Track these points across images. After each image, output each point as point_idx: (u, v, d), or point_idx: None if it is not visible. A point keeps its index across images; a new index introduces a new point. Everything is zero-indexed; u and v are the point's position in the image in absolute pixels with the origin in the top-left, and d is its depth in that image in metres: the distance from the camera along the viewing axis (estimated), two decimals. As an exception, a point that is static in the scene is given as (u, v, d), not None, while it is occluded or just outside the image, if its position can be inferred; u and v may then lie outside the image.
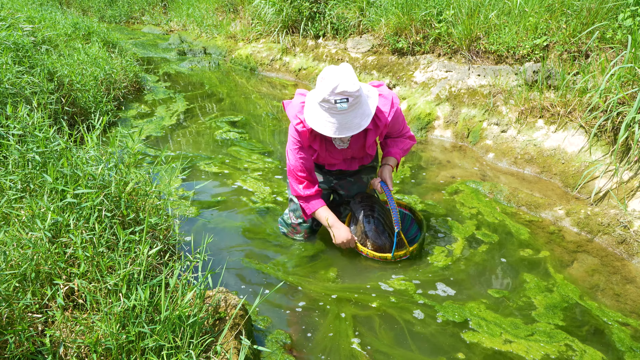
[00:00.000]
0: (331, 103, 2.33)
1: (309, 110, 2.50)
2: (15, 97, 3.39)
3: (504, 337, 2.37)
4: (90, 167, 2.35)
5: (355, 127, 2.44)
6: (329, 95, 2.31)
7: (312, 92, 2.55)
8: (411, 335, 2.38)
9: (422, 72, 5.60)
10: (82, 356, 1.75)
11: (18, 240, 1.96)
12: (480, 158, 4.41)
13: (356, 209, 2.98)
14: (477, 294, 2.69)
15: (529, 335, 2.37)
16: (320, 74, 2.39)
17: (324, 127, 2.43)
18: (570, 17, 4.42)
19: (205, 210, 3.49)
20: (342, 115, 2.38)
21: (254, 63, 8.19)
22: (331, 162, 2.92)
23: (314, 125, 2.46)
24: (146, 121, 5.42)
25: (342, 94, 2.30)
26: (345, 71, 2.35)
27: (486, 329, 2.42)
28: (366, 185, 3.18)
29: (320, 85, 2.37)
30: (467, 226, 3.31)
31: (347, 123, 2.41)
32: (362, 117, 2.45)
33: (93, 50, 6.21)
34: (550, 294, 2.67)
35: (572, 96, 3.98)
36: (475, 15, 5.02)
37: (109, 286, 1.89)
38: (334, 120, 2.40)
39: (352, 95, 2.32)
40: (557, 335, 2.37)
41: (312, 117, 2.47)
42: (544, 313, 2.53)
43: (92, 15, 14.32)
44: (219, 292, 2.16)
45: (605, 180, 3.44)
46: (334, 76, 2.32)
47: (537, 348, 2.29)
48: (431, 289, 2.71)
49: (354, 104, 2.37)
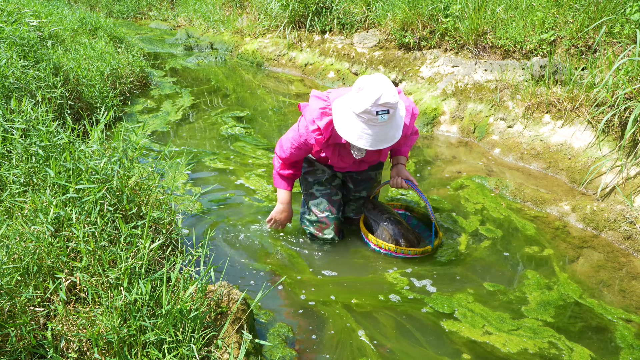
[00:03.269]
0: (372, 114, 2.24)
1: (342, 120, 2.38)
2: (20, 92, 3.40)
3: (485, 328, 2.37)
4: (93, 161, 2.35)
5: (390, 139, 2.37)
6: (372, 106, 2.21)
7: (343, 101, 2.43)
8: (401, 325, 2.37)
9: (429, 67, 5.57)
10: (84, 350, 1.75)
11: (21, 234, 1.96)
12: (486, 153, 4.38)
13: (375, 215, 2.99)
14: (474, 286, 2.68)
15: (513, 330, 2.37)
16: (357, 84, 2.29)
17: (360, 139, 2.33)
18: (578, 11, 4.37)
19: (209, 205, 3.49)
20: (380, 127, 2.31)
21: (260, 58, 8.18)
22: (341, 166, 2.85)
23: (349, 137, 2.35)
24: (152, 116, 5.42)
25: (384, 105, 2.21)
26: (384, 81, 2.26)
27: (470, 319, 2.43)
28: (374, 179, 3.15)
29: (359, 95, 2.25)
30: (471, 221, 3.29)
31: (383, 135, 2.34)
32: (396, 129, 2.39)
33: (99, 45, 6.22)
34: (548, 291, 2.65)
35: (579, 91, 3.94)
36: (482, 9, 4.98)
37: (110, 280, 1.89)
38: (371, 132, 2.31)
39: (393, 107, 2.25)
40: (542, 331, 2.36)
41: (347, 128, 2.36)
42: (535, 309, 2.52)
43: (100, 10, 14.37)
44: (220, 286, 2.16)
45: (611, 176, 3.41)
46: (375, 86, 2.23)
47: (517, 342, 2.28)
48: (430, 281, 2.70)
49: (392, 116, 2.30)
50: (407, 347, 2.27)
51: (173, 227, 2.61)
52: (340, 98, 2.47)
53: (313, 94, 2.60)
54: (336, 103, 2.46)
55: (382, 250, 2.91)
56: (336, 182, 3.05)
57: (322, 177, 2.99)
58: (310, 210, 3.03)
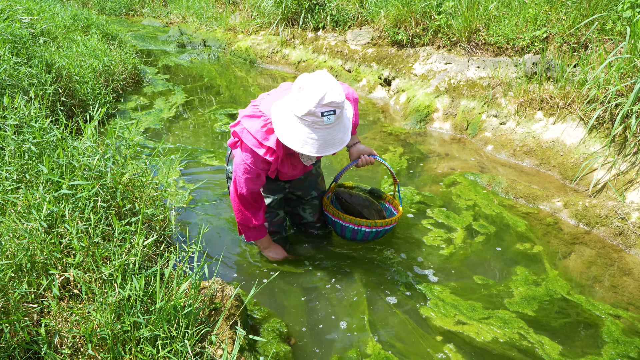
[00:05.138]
0: (317, 116, 2.03)
1: (283, 126, 2.14)
2: (12, 89, 3.39)
3: (457, 318, 2.44)
4: (87, 157, 2.34)
5: (339, 142, 2.17)
6: (315, 107, 2.00)
7: (282, 105, 2.19)
8: (396, 317, 2.39)
9: (422, 64, 5.58)
10: (78, 346, 1.75)
11: (14, 231, 1.96)
12: (479, 150, 4.40)
13: (344, 196, 2.90)
14: (462, 280, 2.71)
15: (484, 319, 2.43)
16: (297, 83, 2.07)
17: (305, 145, 2.10)
18: (570, 8, 4.40)
19: (203, 201, 3.49)
20: (326, 131, 2.10)
21: (253, 55, 8.17)
22: (294, 174, 2.57)
23: (293, 144, 2.11)
24: (145, 113, 5.41)
25: (329, 105, 2.02)
26: (328, 79, 2.06)
27: (442, 309, 2.48)
28: (317, 174, 2.93)
29: (301, 96, 2.04)
30: (464, 218, 3.31)
31: (331, 139, 2.13)
32: (344, 131, 2.19)
33: (92, 42, 6.19)
34: (535, 286, 2.67)
35: (571, 88, 3.96)
36: (474, 6, 5.00)
37: (104, 276, 1.89)
38: (317, 137, 2.09)
39: (340, 106, 2.05)
40: (513, 322, 2.41)
41: (289, 134, 2.12)
42: (518, 302, 2.55)
43: (92, 7, 14.27)
44: (214, 282, 2.17)
45: (603, 172, 3.44)
46: (317, 85, 2.02)
47: (488, 331, 2.34)
48: (430, 273, 2.72)
49: (339, 117, 2.10)
50: (401, 340, 2.28)
51: (166, 223, 2.61)
52: (278, 102, 2.23)
53: (242, 115, 2.33)
54: (274, 108, 2.21)
55: (356, 227, 2.75)
56: (277, 202, 2.82)
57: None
58: None
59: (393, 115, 5.36)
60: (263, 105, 2.31)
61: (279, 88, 2.47)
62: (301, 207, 2.94)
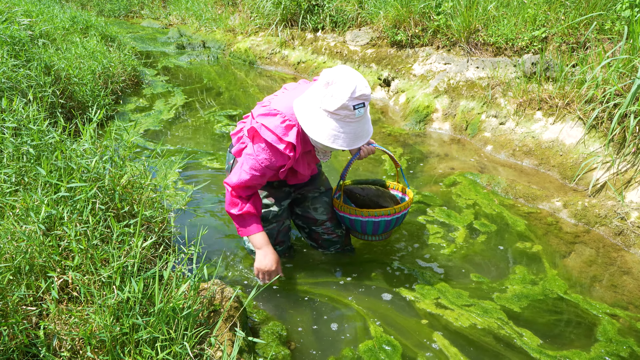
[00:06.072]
0: (349, 110, 2.02)
1: (311, 122, 2.11)
2: (11, 91, 3.39)
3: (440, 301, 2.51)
4: (85, 159, 2.34)
5: (366, 134, 2.17)
6: (348, 100, 1.99)
7: (306, 100, 2.16)
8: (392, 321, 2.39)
9: (421, 65, 5.58)
10: (76, 348, 1.75)
11: (12, 233, 1.96)
12: (478, 150, 4.40)
13: (356, 190, 2.83)
14: (459, 278, 2.74)
15: (466, 305, 2.48)
16: (323, 78, 2.05)
17: (337, 139, 2.10)
18: (569, 8, 4.40)
19: (202, 203, 3.49)
20: (357, 124, 2.10)
21: (252, 56, 8.17)
22: (304, 175, 2.51)
23: (323, 140, 2.10)
24: (144, 115, 5.41)
25: (360, 97, 2.01)
26: (354, 72, 2.05)
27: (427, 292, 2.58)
28: (321, 173, 2.88)
29: (330, 91, 2.03)
30: (464, 217, 3.31)
31: (360, 131, 2.13)
32: (369, 123, 2.20)
33: (91, 44, 6.20)
34: (532, 286, 2.67)
35: (570, 88, 3.96)
36: (473, 7, 5.00)
37: (102, 278, 1.89)
38: (347, 130, 2.09)
39: (369, 99, 2.05)
40: (494, 312, 2.45)
41: (318, 130, 2.10)
42: (508, 298, 2.57)
43: (91, 9, 14.28)
44: (213, 284, 2.16)
45: (602, 172, 3.43)
46: (347, 79, 2.01)
47: (468, 318, 2.40)
48: (411, 277, 2.72)
49: (366, 109, 2.11)
50: (399, 328, 2.28)
51: (165, 225, 2.60)
52: (300, 99, 2.20)
53: (257, 114, 2.28)
54: (297, 105, 2.18)
55: (377, 219, 2.65)
56: (285, 210, 2.76)
57: (268, 213, 2.67)
58: None
59: (392, 116, 5.36)
60: (275, 104, 2.27)
61: (286, 89, 2.43)
62: (312, 207, 2.79)
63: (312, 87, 2.16)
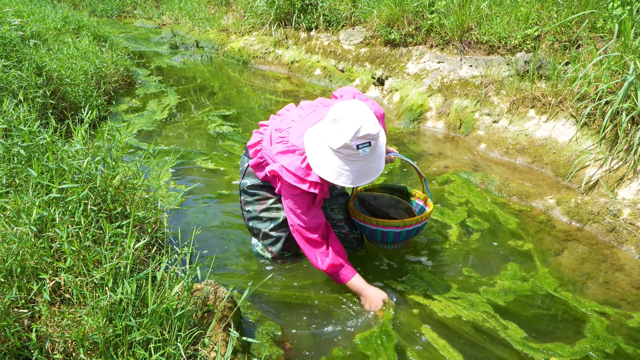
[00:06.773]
0: (352, 149, 1.99)
1: (317, 157, 2.11)
2: (1, 92, 3.36)
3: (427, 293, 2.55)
4: (77, 160, 2.33)
5: (374, 172, 2.14)
6: (351, 140, 1.96)
7: (315, 133, 2.16)
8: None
9: (415, 64, 5.59)
10: (69, 351, 1.74)
11: (3, 235, 1.94)
12: (472, 148, 4.41)
13: (367, 199, 2.82)
14: (451, 275, 2.76)
15: (454, 298, 2.52)
16: (331, 114, 2.02)
17: (340, 176, 2.08)
18: (561, 6, 4.41)
19: (196, 203, 3.48)
20: (362, 162, 2.07)
21: (246, 56, 8.15)
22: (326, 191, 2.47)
23: (327, 176, 2.09)
24: (137, 115, 5.39)
25: (365, 137, 1.98)
26: (362, 109, 2.01)
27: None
28: (341, 187, 2.86)
29: (335, 128, 2.00)
30: (457, 215, 3.31)
31: (366, 170, 2.10)
32: (379, 161, 2.15)
33: (83, 44, 6.16)
34: (522, 282, 2.68)
35: (563, 86, 3.98)
36: (466, 5, 5.01)
37: (95, 280, 1.87)
38: (351, 168, 2.06)
39: (375, 138, 2.01)
40: (480, 305, 2.48)
41: (323, 166, 2.09)
42: (497, 292, 2.59)
43: (83, 9, 14.22)
44: (207, 284, 2.16)
45: (595, 169, 3.45)
46: (352, 117, 1.97)
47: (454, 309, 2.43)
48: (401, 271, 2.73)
49: (374, 147, 2.06)
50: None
51: (158, 225, 2.59)
52: (311, 130, 2.20)
53: (276, 150, 2.28)
54: (307, 138, 2.18)
55: (385, 229, 2.62)
56: None
57: (279, 218, 2.67)
58: (262, 246, 2.79)
59: (386, 114, 5.36)
60: (292, 136, 2.27)
61: (302, 108, 2.42)
62: (330, 208, 2.79)
63: (323, 120, 2.14)
